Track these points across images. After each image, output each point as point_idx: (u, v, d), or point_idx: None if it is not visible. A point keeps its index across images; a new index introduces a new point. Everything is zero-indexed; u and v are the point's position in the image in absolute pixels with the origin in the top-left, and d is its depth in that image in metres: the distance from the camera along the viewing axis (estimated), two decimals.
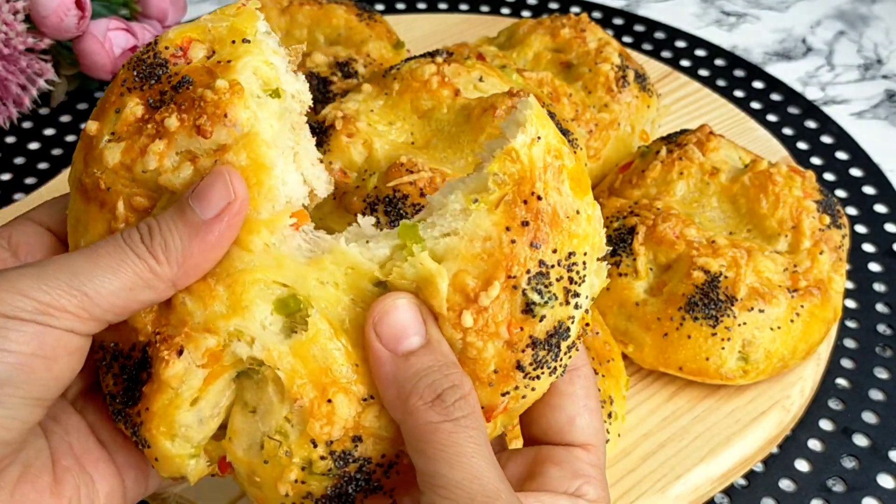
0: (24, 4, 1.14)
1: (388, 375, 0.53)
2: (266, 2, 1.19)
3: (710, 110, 1.28)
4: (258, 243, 0.55)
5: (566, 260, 0.54)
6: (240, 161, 0.55)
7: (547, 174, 0.54)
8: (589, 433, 0.60)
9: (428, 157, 0.89)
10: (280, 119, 0.58)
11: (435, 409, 0.51)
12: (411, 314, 0.53)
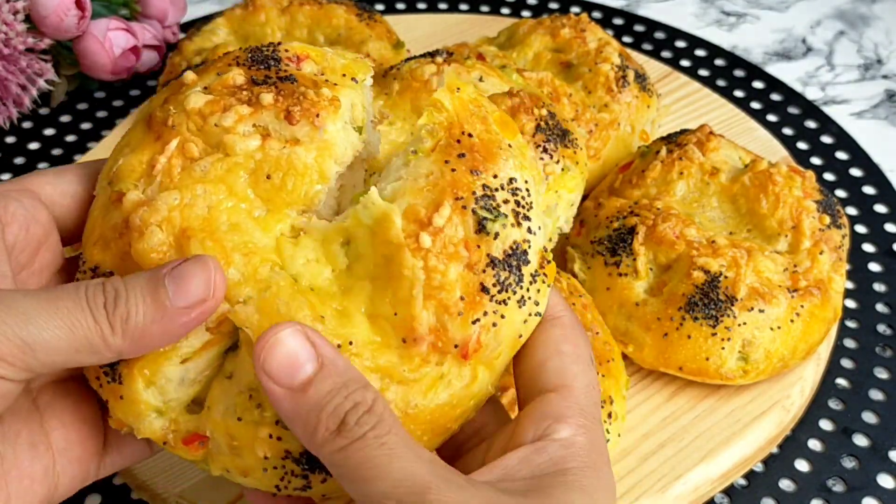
0: (24, 4, 1.14)
1: (290, 413, 0.51)
2: (266, 2, 1.19)
3: (710, 110, 1.28)
4: (277, 230, 0.57)
5: (508, 185, 0.58)
6: (307, 158, 0.58)
7: (472, 118, 0.59)
8: (563, 375, 0.57)
9: None
10: (352, 150, 0.62)
11: (342, 435, 0.50)
12: (298, 341, 0.51)
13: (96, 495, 0.88)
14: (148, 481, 0.84)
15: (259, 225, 0.57)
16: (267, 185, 0.58)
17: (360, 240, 0.56)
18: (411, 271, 0.54)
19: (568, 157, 0.89)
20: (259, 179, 0.58)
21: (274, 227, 0.57)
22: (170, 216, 0.56)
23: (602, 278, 0.94)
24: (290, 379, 0.51)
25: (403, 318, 0.55)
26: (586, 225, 1.01)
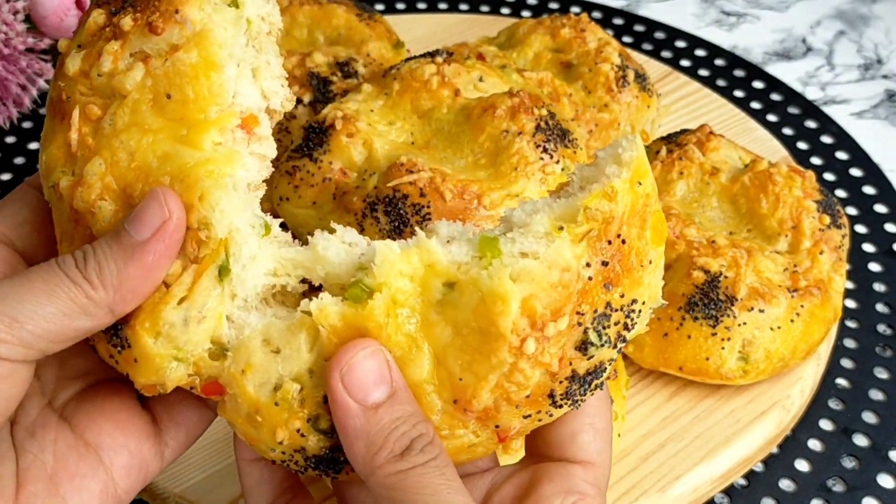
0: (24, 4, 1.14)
1: (356, 428, 0.52)
2: None
3: (710, 110, 1.28)
4: (207, 142, 0.56)
5: (628, 306, 0.55)
6: (190, 59, 0.56)
7: (635, 218, 0.54)
8: (591, 451, 0.58)
9: (428, 157, 0.89)
10: (235, 26, 0.58)
11: (405, 459, 0.51)
12: (378, 362, 0.52)
13: None
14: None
15: (186, 145, 0.56)
16: (172, 104, 0.56)
17: (466, 296, 0.53)
18: (499, 362, 0.53)
19: (568, 157, 0.89)
20: (162, 104, 0.56)
21: (201, 139, 0.56)
22: (105, 183, 0.55)
23: None
24: (364, 396, 0.52)
25: (465, 388, 0.54)
26: None
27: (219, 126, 0.56)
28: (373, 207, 0.85)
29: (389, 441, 0.51)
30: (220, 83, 0.57)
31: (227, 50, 0.57)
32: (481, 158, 0.88)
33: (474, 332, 0.53)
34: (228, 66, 0.57)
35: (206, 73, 0.56)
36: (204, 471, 0.85)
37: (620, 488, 0.84)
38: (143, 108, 0.56)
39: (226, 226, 0.55)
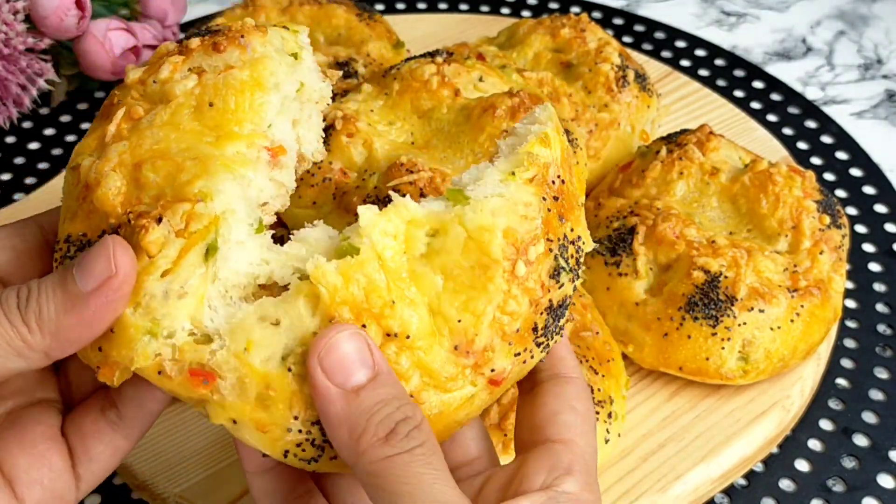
0: (24, 4, 1.14)
1: (338, 414, 0.51)
2: (266, 2, 1.19)
3: (710, 110, 1.28)
4: (232, 149, 0.58)
5: (577, 241, 0.60)
6: (242, 75, 0.59)
7: (566, 164, 0.60)
8: (573, 431, 0.58)
9: (428, 157, 0.89)
10: (289, 73, 0.62)
11: (389, 444, 0.49)
12: (358, 345, 0.51)
13: (96, 495, 0.88)
14: (148, 481, 0.84)
15: (211, 145, 0.57)
16: (212, 112, 0.59)
17: (452, 238, 0.55)
18: (496, 289, 0.55)
19: None
20: (203, 111, 0.59)
21: (225, 146, 0.58)
22: (121, 159, 0.56)
23: (602, 278, 0.94)
24: (345, 379, 0.51)
25: (465, 328, 0.55)
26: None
27: (248, 141, 0.59)
28: None
29: (372, 424, 0.50)
30: (262, 104, 0.60)
31: (277, 80, 0.61)
32: (481, 158, 0.88)
33: (465, 270, 0.55)
34: (274, 93, 0.61)
35: (253, 90, 0.59)
36: (204, 471, 0.85)
37: (620, 488, 0.84)
38: (183, 112, 0.59)
39: (223, 203, 0.55)
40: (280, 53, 0.62)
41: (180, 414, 0.89)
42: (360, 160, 0.90)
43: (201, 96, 0.59)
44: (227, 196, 0.55)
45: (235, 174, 0.56)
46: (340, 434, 0.51)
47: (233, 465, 0.85)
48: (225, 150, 0.57)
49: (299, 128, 0.65)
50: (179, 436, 0.87)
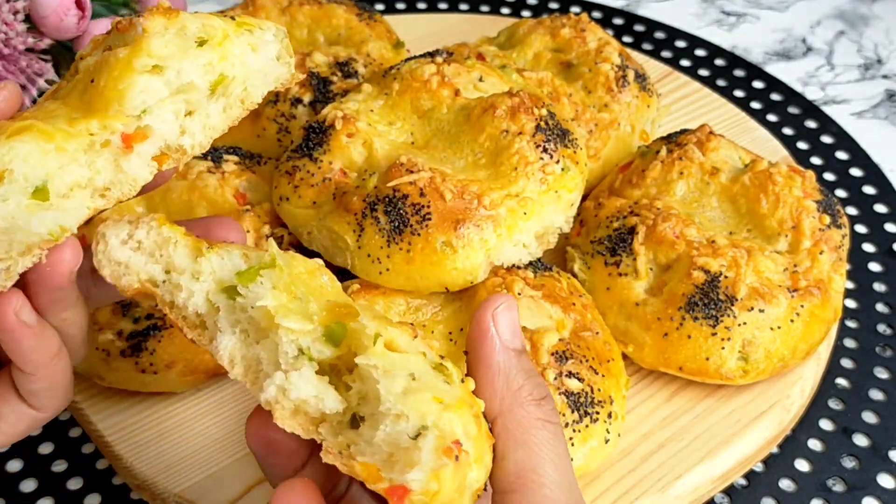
0: (24, 4, 1.14)
1: (499, 363, 0.55)
2: (266, 2, 1.19)
3: (710, 110, 1.28)
4: (82, 126, 0.58)
5: None
6: (118, 53, 0.59)
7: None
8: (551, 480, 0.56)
9: (428, 157, 0.89)
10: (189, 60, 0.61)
11: (542, 409, 0.53)
12: (517, 316, 0.57)
13: (96, 495, 0.88)
14: (148, 481, 0.84)
15: (67, 122, 0.58)
16: (90, 89, 0.59)
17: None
18: None
19: (568, 157, 0.89)
20: (87, 88, 0.60)
21: (80, 123, 0.58)
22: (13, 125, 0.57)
23: (602, 278, 0.94)
24: (512, 338, 0.56)
25: None
26: (586, 225, 1.01)
27: (102, 122, 0.59)
28: (373, 207, 0.85)
29: (529, 385, 0.54)
30: (127, 86, 0.59)
31: (155, 62, 0.60)
32: (481, 158, 0.88)
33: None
34: (151, 76, 0.60)
35: (122, 70, 0.59)
36: (204, 471, 0.85)
37: (620, 488, 0.84)
38: (77, 88, 0.61)
39: (4, 163, 0.55)
40: (180, 37, 0.61)
41: (180, 414, 0.89)
42: (360, 160, 0.90)
43: (90, 73, 0.60)
44: (11, 157, 0.55)
45: (45, 137, 0.56)
46: (498, 382, 0.54)
47: (233, 465, 0.85)
48: (74, 126, 0.58)
49: (190, 119, 0.63)
50: (179, 436, 0.87)
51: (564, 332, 0.84)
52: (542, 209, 0.87)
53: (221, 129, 0.65)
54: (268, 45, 0.66)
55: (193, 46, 0.62)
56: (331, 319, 0.58)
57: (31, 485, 0.89)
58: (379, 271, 0.85)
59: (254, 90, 0.66)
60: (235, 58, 0.64)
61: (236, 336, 0.60)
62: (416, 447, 0.52)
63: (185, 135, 0.63)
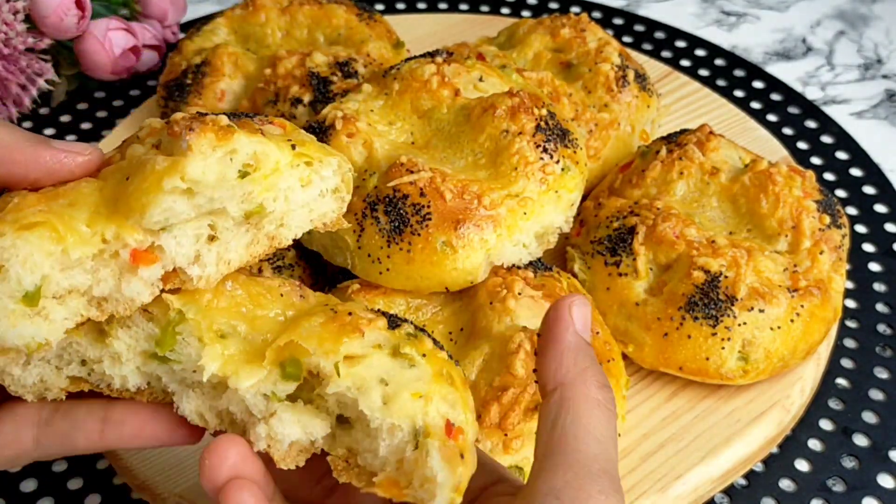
0: (24, 4, 1.14)
1: (570, 342, 0.59)
2: (266, 2, 1.19)
3: (710, 110, 1.28)
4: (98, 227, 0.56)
5: None
6: (157, 164, 0.56)
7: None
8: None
9: (428, 157, 0.89)
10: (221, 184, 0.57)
11: (602, 394, 0.57)
12: (590, 313, 0.62)
13: (96, 495, 0.88)
14: (148, 481, 0.84)
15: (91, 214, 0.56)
16: (123, 186, 0.57)
17: None
18: None
19: (568, 157, 0.89)
20: (121, 182, 0.57)
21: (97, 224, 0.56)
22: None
23: (602, 278, 0.94)
24: (584, 328, 0.61)
25: None
26: (586, 225, 1.01)
27: (118, 230, 0.56)
28: (373, 207, 0.85)
29: (594, 369, 0.58)
30: (151, 202, 0.55)
31: (187, 185, 0.56)
32: (481, 158, 0.88)
33: None
34: (179, 197, 0.56)
35: (152, 184, 0.55)
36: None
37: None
38: (116, 175, 0.58)
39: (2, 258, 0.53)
40: (222, 163, 0.57)
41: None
42: (360, 160, 0.90)
43: (131, 168, 0.57)
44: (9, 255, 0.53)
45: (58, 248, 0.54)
46: (566, 356, 0.59)
47: None
48: (93, 226, 0.55)
49: (209, 247, 0.59)
50: None
51: None
52: (542, 209, 0.87)
53: (237, 264, 0.61)
54: (323, 180, 0.62)
55: (235, 177, 0.57)
56: (280, 359, 0.57)
57: (32, 484, 0.89)
58: (379, 271, 0.85)
59: (287, 231, 0.62)
60: (280, 192, 0.60)
61: (194, 395, 0.59)
62: (424, 462, 0.54)
63: (197, 264, 0.59)
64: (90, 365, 0.60)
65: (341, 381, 0.56)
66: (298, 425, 0.57)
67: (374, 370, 0.57)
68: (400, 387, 0.56)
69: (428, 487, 0.54)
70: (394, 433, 0.55)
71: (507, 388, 0.78)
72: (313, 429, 0.58)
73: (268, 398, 0.57)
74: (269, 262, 0.90)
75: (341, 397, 0.57)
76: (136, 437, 0.62)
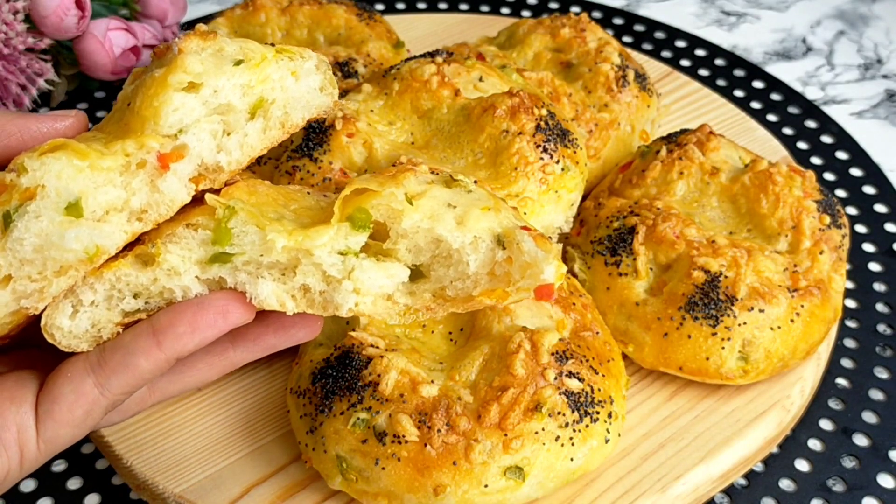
0: (24, 4, 1.14)
1: None
2: (266, 2, 1.19)
3: (710, 110, 1.28)
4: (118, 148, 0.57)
5: None
6: (154, 73, 0.59)
7: None
8: None
9: (428, 157, 0.89)
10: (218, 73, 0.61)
11: None
12: None
13: (96, 495, 0.88)
14: (148, 481, 0.84)
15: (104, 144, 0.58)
16: (128, 111, 0.59)
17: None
18: None
19: (568, 157, 0.89)
20: (125, 111, 0.60)
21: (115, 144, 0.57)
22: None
23: (602, 278, 0.94)
24: None
25: None
26: (586, 225, 1.01)
27: (138, 141, 0.58)
28: None
29: None
30: (162, 103, 0.58)
31: (191, 79, 0.59)
32: (481, 158, 0.88)
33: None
34: (185, 94, 0.59)
35: (158, 88, 0.58)
36: (204, 471, 0.85)
37: (620, 488, 0.84)
38: (117, 113, 0.61)
39: (33, 179, 0.55)
40: (219, 57, 0.61)
41: (181, 414, 0.89)
42: (360, 160, 0.90)
43: (127, 99, 0.60)
44: (49, 169, 0.55)
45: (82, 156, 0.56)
46: None
47: (233, 466, 0.85)
48: (110, 147, 0.57)
49: (227, 139, 0.63)
50: (179, 436, 0.87)
51: (564, 332, 0.84)
52: (542, 209, 0.87)
53: (261, 148, 0.65)
54: (309, 74, 0.66)
55: (230, 65, 0.61)
56: (347, 211, 0.59)
57: (31, 484, 0.89)
58: None
59: (294, 114, 0.66)
60: (275, 82, 0.64)
61: (269, 279, 0.60)
62: (521, 251, 0.57)
63: (222, 152, 0.62)
64: (144, 295, 0.61)
65: (414, 213, 0.58)
66: (381, 271, 0.59)
67: (438, 198, 0.60)
68: (467, 206, 0.59)
69: (531, 271, 0.57)
70: (478, 245, 0.58)
71: (507, 388, 0.78)
72: (395, 272, 0.60)
73: (344, 255, 0.59)
74: None
75: (412, 239, 0.59)
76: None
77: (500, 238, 0.59)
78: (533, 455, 0.76)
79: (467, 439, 0.75)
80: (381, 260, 0.61)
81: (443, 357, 0.83)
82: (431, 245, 0.59)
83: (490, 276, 0.60)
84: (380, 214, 0.60)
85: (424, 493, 0.75)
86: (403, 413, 0.76)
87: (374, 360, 0.79)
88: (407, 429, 0.75)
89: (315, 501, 0.82)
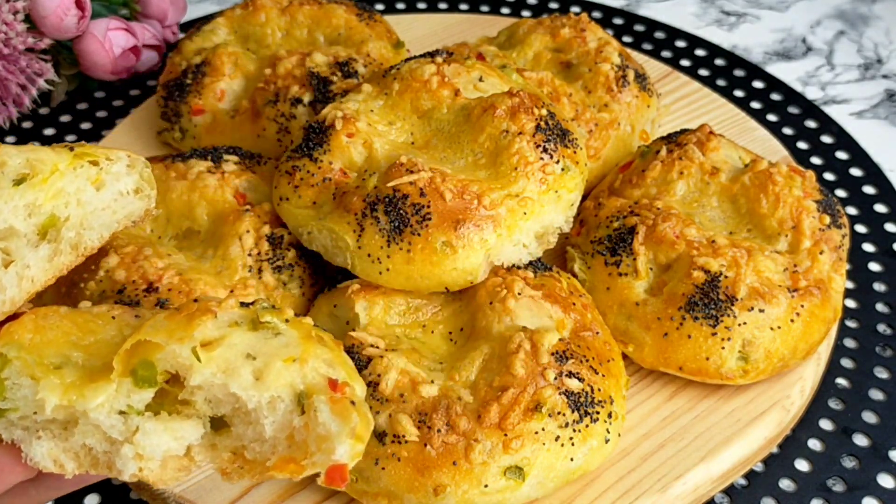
0: (24, 4, 1.14)
1: None
2: (266, 2, 1.19)
3: (710, 110, 1.28)
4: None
5: None
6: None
7: None
8: None
9: (428, 157, 0.89)
10: (9, 210, 0.54)
11: None
12: None
13: (95, 495, 0.88)
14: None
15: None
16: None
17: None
18: None
19: (568, 156, 0.89)
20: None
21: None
22: None
23: (602, 278, 0.94)
24: None
25: None
26: (586, 225, 1.01)
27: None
28: (373, 207, 0.85)
29: None
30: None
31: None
32: (481, 158, 0.88)
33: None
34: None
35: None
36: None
37: (620, 488, 0.84)
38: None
39: None
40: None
41: None
42: (360, 160, 0.90)
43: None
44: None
45: None
46: None
47: None
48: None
49: (4, 271, 0.55)
50: None
51: (564, 332, 0.84)
52: (542, 209, 0.87)
53: (44, 280, 0.57)
54: (118, 179, 0.59)
55: (9, 186, 0.54)
56: (132, 363, 0.52)
57: None
58: (379, 271, 0.85)
59: (91, 234, 0.59)
60: (70, 196, 0.57)
61: (46, 438, 0.53)
62: (316, 420, 0.49)
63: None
64: None
65: (204, 368, 0.51)
66: (167, 433, 0.52)
67: (237, 348, 0.52)
68: (269, 357, 0.51)
69: (326, 446, 0.49)
70: (275, 406, 0.50)
71: (507, 388, 0.78)
72: (185, 433, 0.53)
73: (125, 414, 0.52)
74: (269, 262, 0.90)
75: (210, 391, 0.51)
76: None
77: (301, 397, 0.51)
78: (533, 455, 0.76)
79: (467, 439, 0.76)
80: (174, 415, 0.53)
81: (443, 357, 0.84)
82: (231, 398, 0.51)
83: (289, 441, 0.51)
84: (169, 366, 0.52)
85: (424, 493, 0.75)
86: (403, 413, 0.76)
87: (374, 360, 0.79)
88: (407, 429, 0.75)
89: (315, 501, 0.82)
